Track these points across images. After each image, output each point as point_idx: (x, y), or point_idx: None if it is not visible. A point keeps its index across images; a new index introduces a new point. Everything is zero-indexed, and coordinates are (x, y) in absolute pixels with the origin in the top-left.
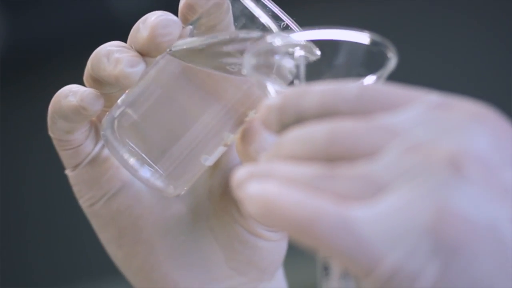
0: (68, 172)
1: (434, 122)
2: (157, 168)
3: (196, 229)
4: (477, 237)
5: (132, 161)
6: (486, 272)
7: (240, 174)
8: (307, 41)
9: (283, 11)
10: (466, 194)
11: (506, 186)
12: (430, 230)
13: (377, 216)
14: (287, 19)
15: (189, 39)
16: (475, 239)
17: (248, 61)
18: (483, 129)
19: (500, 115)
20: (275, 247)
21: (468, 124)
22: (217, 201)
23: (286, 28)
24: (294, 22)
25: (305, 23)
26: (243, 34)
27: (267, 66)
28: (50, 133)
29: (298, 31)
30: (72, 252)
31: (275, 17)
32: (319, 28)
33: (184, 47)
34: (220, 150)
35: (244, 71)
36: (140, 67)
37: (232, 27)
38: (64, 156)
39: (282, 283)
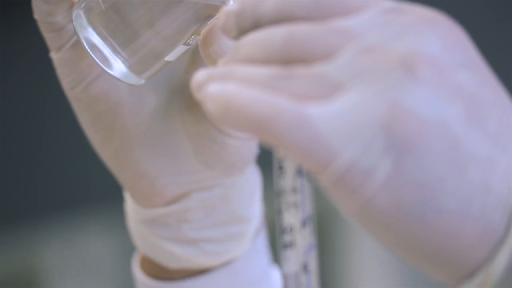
0: (52, 55)
1: (388, 25)
2: (123, 54)
3: (168, 120)
4: (429, 134)
5: (98, 43)
6: (437, 168)
7: (199, 76)
8: None
9: None
10: (418, 93)
11: (457, 86)
12: (384, 127)
13: (333, 113)
14: None
15: None
16: (426, 135)
17: None
18: (435, 32)
19: (452, 20)
20: (243, 145)
21: (421, 28)
22: (190, 96)
23: None
24: None
25: None
26: None
27: None
28: (35, 16)
29: None
30: (72, 176)
31: None
32: None
33: None
34: (181, 48)
35: None
36: None
37: None
38: (48, 38)
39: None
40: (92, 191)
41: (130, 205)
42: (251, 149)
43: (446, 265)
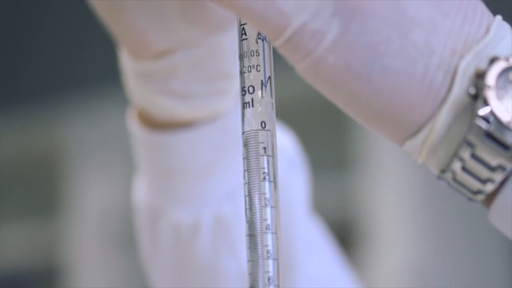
0: None
1: None
2: None
3: None
4: None
5: None
6: (383, 30)
7: None
8: None
9: None
10: None
11: None
12: None
13: None
14: None
15: None
16: (372, 0)
17: None
18: None
19: None
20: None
21: None
22: None
23: None
24: None
25: None
26: None
27: None
28: None
29: None
30: (92, 51)
31: None
32: None
33: None
34: None
35: None
36: None
37: None
38: None
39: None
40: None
41: (124, 60)
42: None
43: (392, 123)
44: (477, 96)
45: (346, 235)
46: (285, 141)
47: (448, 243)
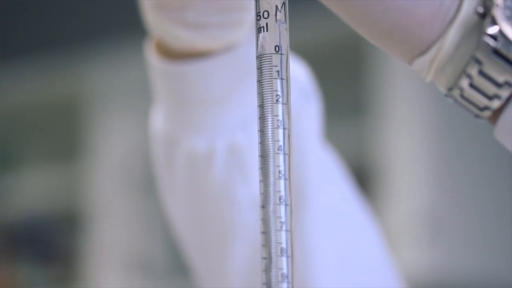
0: None
1: None
2: None
3: None
4: None
5: None
6: None
7: None
8: None
9: None
10: None
11: None
12: None
13: None
14: None
15: None
16: None
17: None
18: None
19: None
20: None
21: None
22: None
23: None
24: None
25: None
26: None
27: None
28: None
29: None
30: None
31: None
32: None
33: None
34: None
35: None
36: None
37: None
38: None
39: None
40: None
41: None
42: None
43: (402, 42)
44: (485, 15)
45: (361, 180)
46: (299, 71)
47: (461, 187)
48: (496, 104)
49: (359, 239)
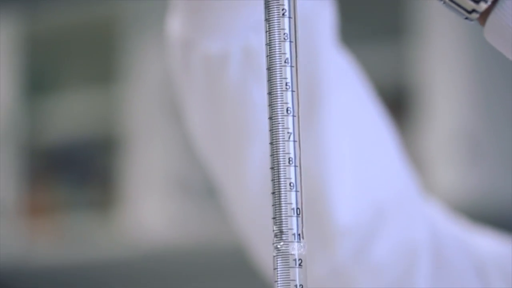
0: None
1: None
2: None
3: None
4: None
5: None
6: None
7: None
8: None
9: None
10: None
11: None
12: None
13: None
14: None
15: None
16: None
17: None
18: None
19: None
20: None
21: None
22: None
23: None
24: None
25: None
26: None
27: None
28: None
29: None
30: None
31: None
32: None
33: None
34: None
35: None
36: None
37: None
38: None
39: None
40: None
41: None
42: None
43: None
44: None
45: (399, 101)
46: None
47: (500, 108)
48: (483, 6)
49: (376, 141)
